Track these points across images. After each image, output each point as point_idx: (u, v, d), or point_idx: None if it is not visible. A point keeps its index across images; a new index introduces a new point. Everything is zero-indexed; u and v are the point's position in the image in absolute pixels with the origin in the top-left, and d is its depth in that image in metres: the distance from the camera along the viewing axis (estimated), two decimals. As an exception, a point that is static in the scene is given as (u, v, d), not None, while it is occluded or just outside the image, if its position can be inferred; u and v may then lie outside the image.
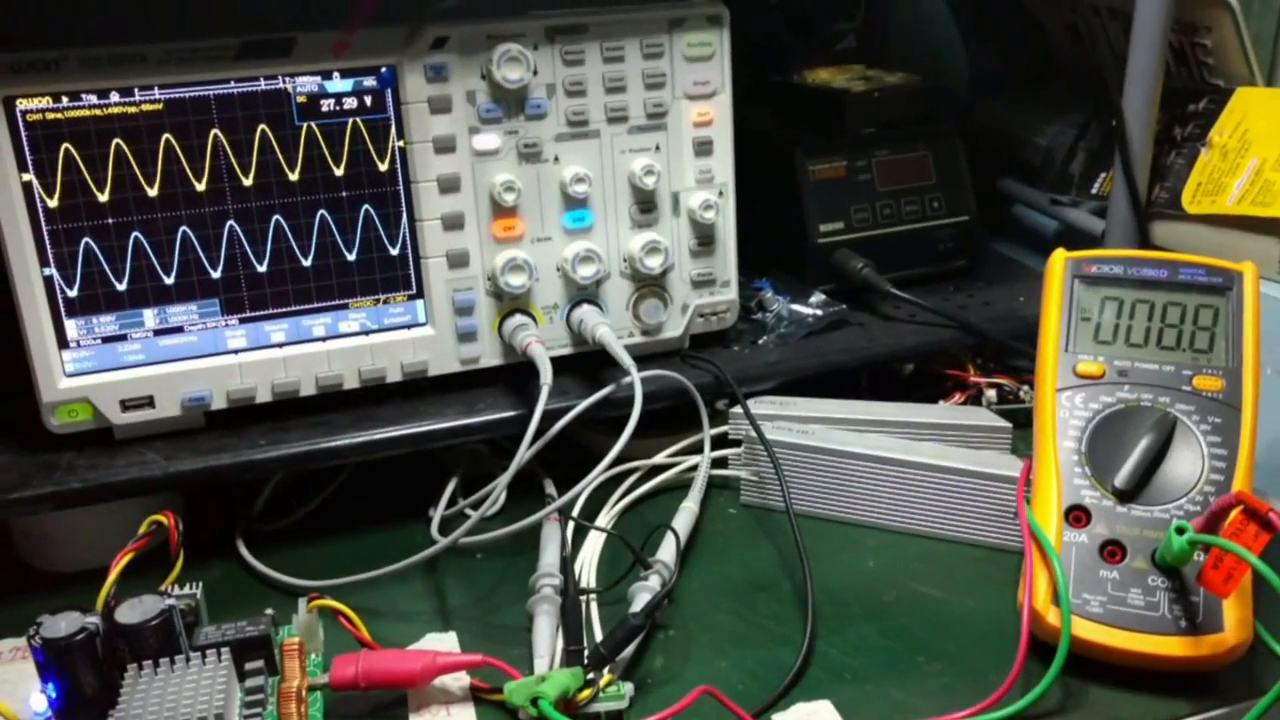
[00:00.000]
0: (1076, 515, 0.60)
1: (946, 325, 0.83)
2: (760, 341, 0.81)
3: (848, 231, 0.87)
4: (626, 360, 0.68)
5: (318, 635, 0.59)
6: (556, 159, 0.72)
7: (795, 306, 0.83)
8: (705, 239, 0.77)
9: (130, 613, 0.54)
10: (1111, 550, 0.58)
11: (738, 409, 0.74)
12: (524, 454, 0.63)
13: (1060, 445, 0.62)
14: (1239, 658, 0.56)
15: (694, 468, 0.74)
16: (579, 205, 0.73)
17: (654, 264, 0.74)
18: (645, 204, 0.75)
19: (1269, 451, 0.75)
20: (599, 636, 0.60)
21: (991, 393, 0.82)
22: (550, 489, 0.74)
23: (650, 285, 0.76)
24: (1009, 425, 0.74)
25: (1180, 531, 0.54)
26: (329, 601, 0.58)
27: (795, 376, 0.78)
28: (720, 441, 0.76)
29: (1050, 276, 0.67)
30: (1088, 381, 0.63)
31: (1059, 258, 0.67)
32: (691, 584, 0.66)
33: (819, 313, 0.83)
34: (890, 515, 0.70)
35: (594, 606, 0.63)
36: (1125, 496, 0.59)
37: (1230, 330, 0.63)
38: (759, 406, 0.75)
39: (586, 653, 0.57)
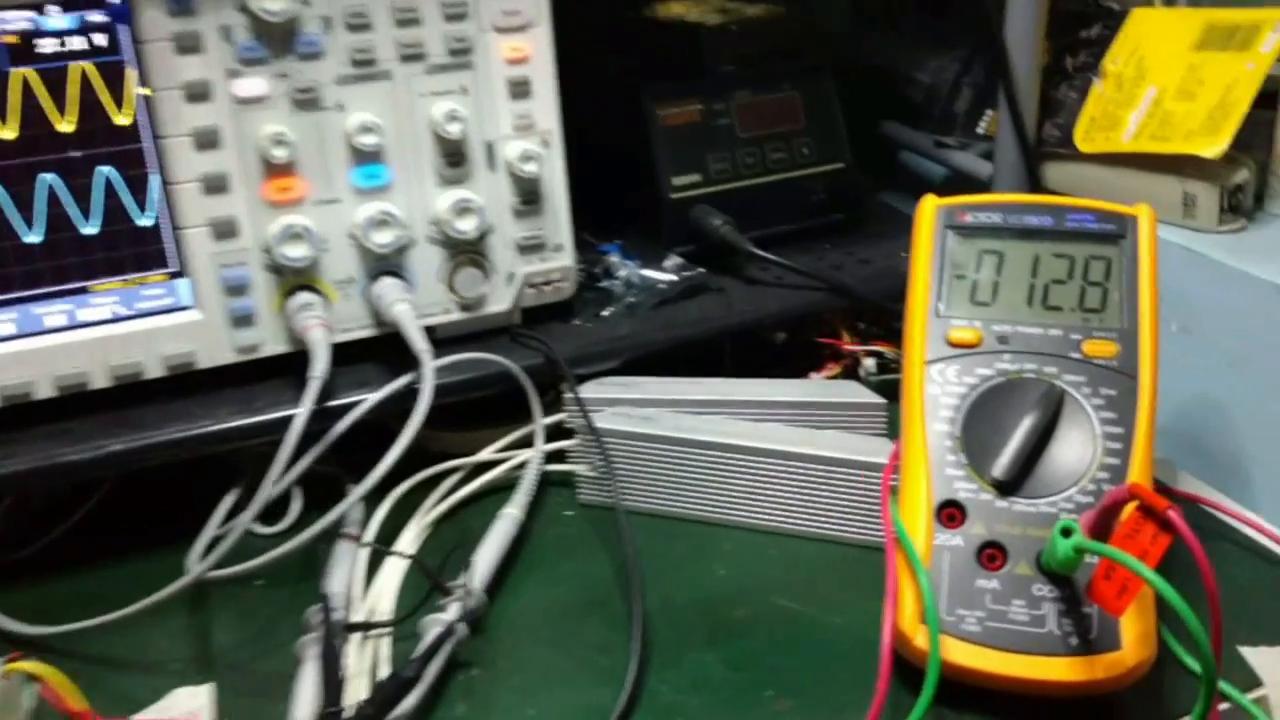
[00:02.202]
0: (950, 513, 0.50)
1: (816, 288, 0.73)
2: (605, 313, 0.71)
3: (705, 185, 0.77)
4: (419, 343, 0.58)
5: (19, 707, 0.47)
6: (340, 106, 0.61)
7: (646, 272, 0.73)
8: (529, 196, 0.66)
9: None
10: (991, 554, 0.49)
11: (574, 394, 0.64)
12: (283, 461, 0.52)
13: (930, 429, 0.52)
14: (1140, 678, 0.47)
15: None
16: (370, 160, 0.62)
17: (467, 227, 0.64)
18: (453, 157, 0.64)
19: (1178, 417, 0.66)
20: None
21: (870, 362, 0.73)
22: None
23: (467, 252, 0.65)
24: (884, 401, 0.64)
25: (1066, 533, 0.45)
26: (28, 665, 0.46)
27: (642, 352, 0.68)
28: (557, 432, 0.66)
29: (918, 227, 0.57)
30: (962, 351, 0.54)
31: (928, 205, 0.57)
32: (509, 607, 0.56)
33: (674, 278, 0.73)
34: (746, 512, 0.61)
35: (385, 644, 0.52)
36: (1006, 488, 0.50)
37: (1124, 285, 0.54)
38: (601, 389, 0.65)
39: (348, 715, 0.46)
